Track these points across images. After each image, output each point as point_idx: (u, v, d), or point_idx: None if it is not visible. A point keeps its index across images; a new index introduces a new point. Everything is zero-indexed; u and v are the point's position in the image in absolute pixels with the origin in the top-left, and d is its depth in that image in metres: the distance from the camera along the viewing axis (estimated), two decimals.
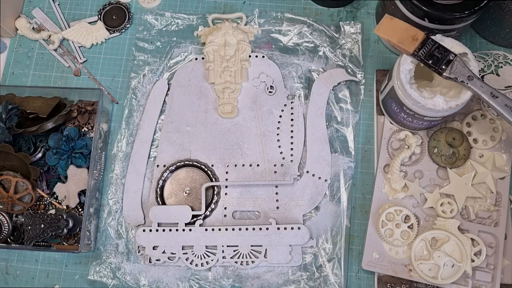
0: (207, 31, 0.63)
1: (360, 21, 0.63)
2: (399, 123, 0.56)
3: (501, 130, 0.56)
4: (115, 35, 0.65)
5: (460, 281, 0.52)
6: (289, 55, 0.62)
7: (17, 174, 0.56)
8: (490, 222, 0.54)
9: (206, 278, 0.55)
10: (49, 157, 0.57)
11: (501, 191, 0.55)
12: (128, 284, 0.55)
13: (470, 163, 0.55)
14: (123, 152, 0.59)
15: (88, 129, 0.60)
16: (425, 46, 0.49)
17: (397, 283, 0.53)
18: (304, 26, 0.63)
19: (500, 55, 0.61)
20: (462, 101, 0.49)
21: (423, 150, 0.57)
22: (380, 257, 0.53)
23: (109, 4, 0.66)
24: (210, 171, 0.57)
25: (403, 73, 0.50)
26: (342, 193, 0.57)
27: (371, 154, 0.59)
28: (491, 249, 0.53)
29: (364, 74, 0.61)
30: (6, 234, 0.56)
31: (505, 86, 0.59)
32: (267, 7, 0.65)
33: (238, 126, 0.59)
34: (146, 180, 0.58)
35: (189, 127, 0.59)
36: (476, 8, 0.51)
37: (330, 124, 0.59)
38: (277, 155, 0.58)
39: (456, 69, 0.48)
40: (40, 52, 0.65)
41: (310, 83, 0.61)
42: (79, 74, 0.64)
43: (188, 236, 0.55)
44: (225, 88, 0.59)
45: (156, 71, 0.62)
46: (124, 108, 0.61)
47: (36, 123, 0.57)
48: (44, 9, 0.67)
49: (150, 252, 0.54)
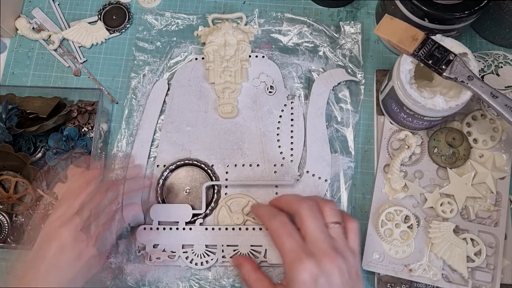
0: (207, 31, 0.63)
1: (360, 21, 0.63)
2: (399, 123, 0.56)
3: (501, 130, 0.56)
4: (115, 35, 0.65)
5: (460, 281, 0.52)
6: (289, 55, 0.62)
7: (17, 174, 0.56)
8: (490, 222, 0.54)
9: (206, 278, 0.55)
10: (49, 157, 0.57)
11: (501, 191, 0.55)
12: (128, 284, 0.55)
13: (470, 163, 0.55)
14: (123, 152, 0.59)
15: (88, 129, 0.60)
16: (425, 46, 0.49)
17: (397, 283, 0.53)
18: (304, 26, 0.63)
19: (500, 55, 0.61)
20: (462, 101, 0.49)
21: (423, 150, 0.57)
22: (380, 257, 0.53)
23: (109, 4, 0.66)
24: (210, 170, 0.57)
25: (403, 73, 0.50)
26: (342, 193, 0.57)
27: (371, 154, 0.59)
28: (491, 249, 0.53)
29: (364, 74, 0.61)
30: (6, 234, 0.56)
31: (505, 86, 0.59)
32: (267, 7, 0.65)
33: (238, 126, 0.59)
34: (146, 180, 0.58)
35: (189, 127, 0.59)
36: (476, 8, 0.51)
37: (330, 124, 0.59)
38: (277, 155, 0.58)
39: (456, 69, 0.48)
40: (40, 52, 0.65)
41: (310, 83, 0.61)
42: (79, 74, 0.64)
43: (188, 235, 0.55)
44: (225, 88, 0.59)
45: (156, 71, 0.62)
46: (124, 108, 0.61)
47: (36, 123, 0.57)
48: (44, 9, 0.67)
49: (150, 251, 0.55)
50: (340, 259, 0.43)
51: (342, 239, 0.46)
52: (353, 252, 0.46)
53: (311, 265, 0.42)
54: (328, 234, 0.45)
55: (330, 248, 0.44)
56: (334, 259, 0.43)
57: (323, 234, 0.45)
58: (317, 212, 0.46)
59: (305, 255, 0.43)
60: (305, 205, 0.46)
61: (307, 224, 0.45)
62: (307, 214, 0.46)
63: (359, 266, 0.47)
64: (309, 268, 0.42)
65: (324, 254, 0.43)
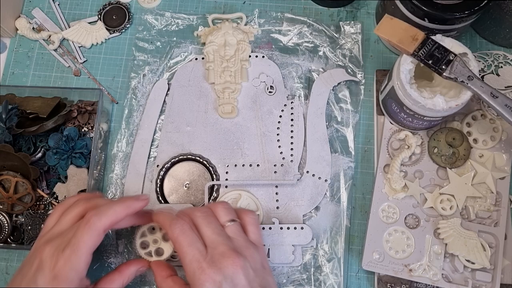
0: (207, 31, 0.63)
1: (360, 21, 0.63)
2: (399, 123, 0.56)
3: (501, 130, 0.56)
4: (115, 35, 0.65)
5: (460, 281, 0.52)
6: (289, 55, 0.62)
7: (17, 174, 0.56)
8: (490, 222, 0.54)
9: None
10: (49, 157, 0.57)
11: (501, 191, 0.55)
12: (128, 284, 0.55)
13: (470, 163, 0.55)
14: (123, 152, 0.59)
15: (88, 129, 0.60)
16: (425, 46, 0.49)
17: (397, 283, 0.53)
18: (304, 26, 0.63)
19: (500, 55, 0.61)
20: (462, 101, 0.49)
21: (423, 150, 0.57)
22: (380, 257, 0.53)
23: (109, 4, 0.66)
24: (206, 161, 0.57)
25: (403, 73, 0.50)
26: (342, 193, 0.57)
27: (371, 154, 0.59)
28: (491, 249, 0.53)
29: (364, 74, 0.61)
30: (6, 234, 0.56)
31: (505, 86, 0.59)
32: (267, 7, 0.65)
33: (238, 126, 0.59)
34: (146, 180, 0.58)
35: (189, 127, 0.59)
36: (476, 8, 0.51)
37: (330, 124, 0.59)
38: (277, 155, 0.58)
39: (456, 69, 0.48)
40: (40, 52, 0.65)
41: (310, 83, 0.61)
42: (79, 74, 0.64)
43: None
44: (225, 88, 0.59)
45: (156, 71, 0.62)
46: (124, 108, 0.61)
47: (36, 123, 0.57)
48: (44, 9, 0.67)
49: None
50: (241, 259, 0.43)
51: (241, 235, 0.46)
52: (255, 246, 0.46)
53: (213, 274, 0.42)
54: (225, 236, 0.45)
55: (229, 250, 0.43)
56: (235, 260, 0.42)
57: (220, 236, 0.44)
58: (211, 216, 0.46)
59: (206, 264, 0.42)
60: (198, 213, 0.46)
61: (203, 230, 0.45)
62: (201, 222, 0.46)
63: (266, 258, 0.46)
64: (211, 277, 0.42)
65: (224, 257, 0.43)
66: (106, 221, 0.44)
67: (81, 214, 0.46)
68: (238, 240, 0.45)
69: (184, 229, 0.45)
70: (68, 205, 0.48)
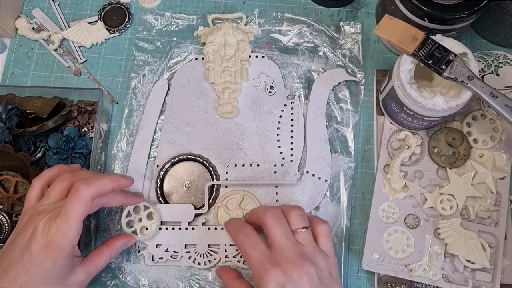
0: (207, 31, 0.63)
1: (360, 21, 0.63)
2: (399, 123, 0.56)
3: (501, 130, 0.56)
4: (115, 35, 0.65)
5: (460, 281, 0.52)
6: (289, 55, 0.62)
7: (17, 174, 0.56)
8: (490, 222, 0.54)
9: (206, 278, 0.55)
10: (49, 157, 0.57)
11: (501, 191, 0.55)
12: (128, 284, 0.55)
13: (470, 163, 0.55)
14: (123, 152, 0.60)
15: (88, 129, 0.60)
16: (425, 46, 0.49)
17: (397, 283, 0.53)
18: (304, 26, 0.63)
19: (500, 55, 0.61)
20: (462, 101, 0.49)
21: (423, 150, 0.57)
22: (380, 257, 0.53)
23: (109, 4, 0.66)
24: (206, 161, 0.57)
25: (403, 73, 0.50)
26: (342, 193, 0.57)
27: (371, 154, 0.59)
28: (491, 249, 0.53)
29: (364, 74, 0.61)
30: (6, 234, 0.56)
31: (505, 86, 0.59)
32: (267, 7, 0.65)
33: (238, 126, 0.59)
34: (146, 180, 0.58)
35: (189, 127, 0.59)
36: (476, 8, 0.51)
37: (330, 124, 0.59)
38: (277, 155, 0.58)
39: (456, 69, 0.48)
40: (40, 52, 0.65)
41: (310, 83, 0.61)
42: (79, 74, 0.64)
43: (191, 235, 0.55)
44: (225, 88, 0.59)
45: (156, 71, 0.62)
46: (124, 108, 0.61)
47: (36, 123, 0.57)
48: (44, 9, 0.67)
49: (153, 251, 0.55)
50: (308, 265, 0.43)
51: (311, 243, 0.46)
52: (324, 255, 0.46)
53: (276, 275, 0.42)
54: (294, 241, 0.45)
55: (296, 255, 0.43)
56: (301, 266, 0.42)
57: (288, 241, 0.44)
58: (282, 219, 0.46)
59: (270, 265, 0.43)
60: (269, 214, 0.46)
61: (272, 232, 0.45)
62: (271, 223, 0.46)
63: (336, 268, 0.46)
64: (275, 277, 0.42)
65: (290, 261, 0.43)
66: (94, 190, 0.45)
67: (69, 187, 0.47)
68: (307, 248, 0.45)
69: (248, 233, 0.47)
70: (47, 178, 0.49)
